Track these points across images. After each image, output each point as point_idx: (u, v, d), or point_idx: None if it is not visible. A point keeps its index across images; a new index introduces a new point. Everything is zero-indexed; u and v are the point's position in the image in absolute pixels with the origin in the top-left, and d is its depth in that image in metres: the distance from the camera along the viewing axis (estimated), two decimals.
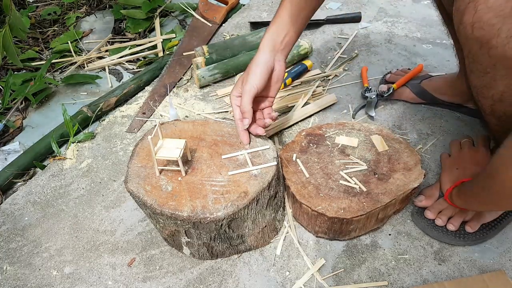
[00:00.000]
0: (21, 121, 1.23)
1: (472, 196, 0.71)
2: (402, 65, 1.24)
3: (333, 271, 0.78)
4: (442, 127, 1.03)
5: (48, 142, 1.07)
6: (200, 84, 1.21)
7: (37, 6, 1.73)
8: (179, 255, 0.82)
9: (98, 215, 0.91)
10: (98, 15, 1.65)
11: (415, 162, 0.83)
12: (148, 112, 1.16)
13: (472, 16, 0.55)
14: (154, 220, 0.75)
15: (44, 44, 1.53)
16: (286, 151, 0.87)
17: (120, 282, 0.79)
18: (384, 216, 0.81)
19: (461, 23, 0.57)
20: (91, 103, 1.18)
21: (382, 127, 0.92)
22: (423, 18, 1.45)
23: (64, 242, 0.87)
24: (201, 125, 0.83)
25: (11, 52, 1.11)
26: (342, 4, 1.56)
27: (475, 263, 0.77)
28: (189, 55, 1.34)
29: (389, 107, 1.10)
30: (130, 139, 1.09)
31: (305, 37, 1.39)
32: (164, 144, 0.72)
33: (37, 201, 0.95)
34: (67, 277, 0.81)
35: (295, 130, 1.06)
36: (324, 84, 1.19)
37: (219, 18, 1.50)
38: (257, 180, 0.71)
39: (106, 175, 1.00)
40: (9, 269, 0.83)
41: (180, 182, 0.72)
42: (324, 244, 0.82)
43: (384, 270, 0.77)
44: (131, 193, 0.71)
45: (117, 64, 1.42)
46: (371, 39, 1.37)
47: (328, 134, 0.90)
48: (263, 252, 0.81)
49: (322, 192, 0.78)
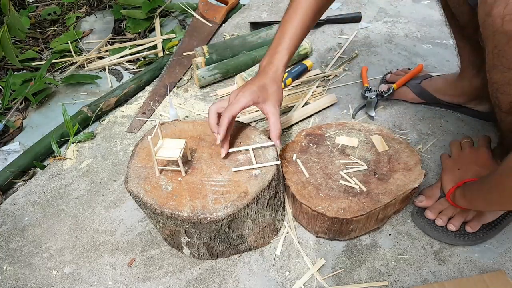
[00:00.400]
0: (21, 121, 1.23)
1: (479, 196, 0.71)
2: (402, 65, 1.24)
3: (333, 271, 0.78)
4: (442, 127, 1.03)
5: (48, 142, 1.07)
6: (200, 84, 1.21)
7: (37, 6, 1.73)
8: (179, 255, 0.82)
9: (98, 215, 0.91)
10: (98, 15, 1.65)
11: (415, 162, 0.83)
12: (148, 112, 1.16)
13: (504, 8, 0.53)
14: (154, 220, 0.75)
15: (44, 44, 1.53)
16: (286, 151, 0.87)
17: (120, 282, 0.79)
18: (384, 216, 0.81)
19: (489, 16, 0.56)
20: (91, 103, 1.18)
21: (382, 127, 0.92)
22: (423, 18, 1.45)
23: (64, 242, 0.87)
24: (201, 125, 0.83)
25: (9, 52, 1.11)
26: (342, 4, 1.56)
27: (475, 263, 0.77)
28: (189, 55, 1.34)
29: (389, 107, 1.10)
30: (130, 139, 1.09)
31: (305, 37, 1.39)
32: (164, 144, 0.72)
33: (37, 201, 0.95)
34: (67, 277, 0.81)
35: (295, 130, 1.06)
36: (324, 84, 1.19)
37: (219, 18, 1.50)
38: (257, 180, 0.71)
39: (106, 175, 1.00)
40: (9, 269, 0.83)
41: (180, 182, 0.72)
42: (324, 244, 0.82)
43: (384, 270, 0.77)
44: (131, 193, 0.71)
45: (117, 64, 1.42)
46: (371, 39, 1.37)
47: (328, 134, 0.90)
48: (263, 252, 0.81)
49: (322, 192, 0.78)
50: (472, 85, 0.96)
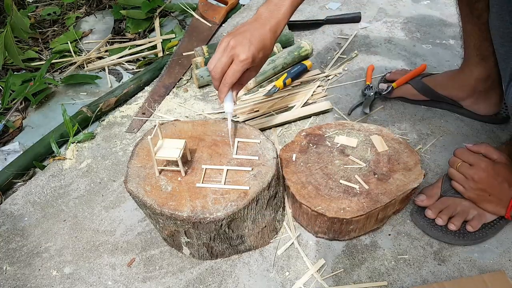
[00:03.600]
0: (21, 121, 1.23)
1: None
2: (402, 65, 1.24)
3: (332, 271, 0.78)
4: (442, 127, 1.03)
5: (48, 142, 1.07)
6: (199, 84, 1.21)
7: (37, 6, 1.73)
8: (179, 255, 0.82)
9: (98, 215, 0.91)
10: (98, 15, 1.64)
11: (415, 162, 0.83)
12: (148, 112, 1.16)
13: None
14: (154, 220, 0.75)
15: (44, 44, 1.53)
16: (285, 151, 0.87)
17: (120, 282, 0.79)
18: (384, 216, 0.81)
19: None
20: (91, 103, 1.18)
21: (382, 127, 0.92)
22: (423, 18, 1.45)
23: (64, 242, 0.87)
24: (201, 125, 0.83)
25: (13, 52, 1.11)
26: (342, 4, 1.56)
27: (475, 263, 0.77)
28: (188, 55, 1.34)
29: (388, 107, 1.10)
30: (129, 139, 1.09)
31: (305, 38, 1.39)
32: (163, 144, 0.72)
33: (37, 201, 0.95)
34: (67, 277, 0.81)
35: (294, 130, 1.06)
36: (324, 84, 1.19)
37: (218, 18, 1.50)
38: (256, 180, 0.71)
39: (106, 175, 1.00)
40: (9, 269, 0.83)
41: (180, 182, 0.72)
42: (324, 244, 0.82)
43: (384, 270, 0.77)
44: (131, 193, 0.71)
45: (117, 64, 1.42)
46: (371, 39, 1.37)
47: (327, 134, 0.90)
48: (263, 252, 0.81)
49: (322, 192, 0.78)
50: (473, 75, 0.96)
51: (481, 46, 0.91)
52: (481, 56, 0.93)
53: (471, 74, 0.96)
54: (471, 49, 0.94)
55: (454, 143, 0.99)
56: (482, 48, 0.91)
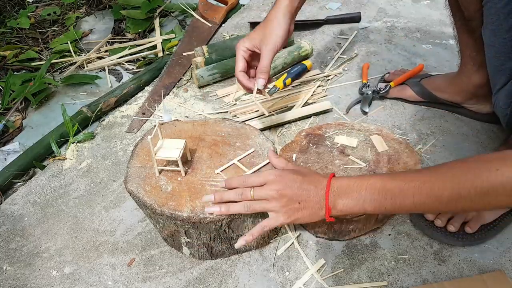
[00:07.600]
0: (20, 121, 1.23)
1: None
2: (402, 65, 1.24)
3: (332, 271, 0.78)
4: (441, 127, 1.04)
5: (48, 142, 1.07)
6: (199, 84, 1.21)
7: (37, 6, 1.73)
8: (179, 255, 0.82)
9: (98, 215, 0.91)
10: (98, 15, 1.64)
11: (415, 162, 0.83)
12: (148, 112, 1.16)
13: None
14: (154, 220, 0.75)
15: (44, 44, 1.53)
16: (285, 151, 0.87)
17: (120, 282, 0.79)
18: (384, 216, 0.81)
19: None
20: (91, 103, 1.18)
21: (381, 127, 0.92)
22: (423, 18, 1.45)
23: (64, 242, 0.87)
24: (201, 125, 0.83)
25: None
26: (342, 4, 1.57)
27: (475, 263, 0.77)
28: (188, 55, 1.34)
29: (388, 107, 1.10)
30: (129, 139, 1.09)
31: (305, 38, 1.39)
32: (163, 144, 0.72)
33: (37, 201, 0.95)
34: (67, 277, 0.81)
35: (294, 130, 1.06)
36: (324, 84, 1.19)
37: (218, 18, 1.50)
38: None
39: (106, 175, 1.00)
40: (9, 269, 0.83)
41: (180, 182, 0.72)
42: (324, 244, 0.82)
43: (384, 270, 0.77)
44: (131, 193, 0.71)
45: (117, 64, 1.42)
46: (371, 39, 1.37)
47: (327, 134, 0.90)
48: (263, 252, 0.81)
49: None
50: (471, 82, 0.96)
51: (477, 56, 0.91)
52: (478, 65, 0.93)
53: (469, 81, 0.97)
54: (467, 58, 0.95)
55: (454, 143, 0.99)
56: (477, 58, 0.92)
